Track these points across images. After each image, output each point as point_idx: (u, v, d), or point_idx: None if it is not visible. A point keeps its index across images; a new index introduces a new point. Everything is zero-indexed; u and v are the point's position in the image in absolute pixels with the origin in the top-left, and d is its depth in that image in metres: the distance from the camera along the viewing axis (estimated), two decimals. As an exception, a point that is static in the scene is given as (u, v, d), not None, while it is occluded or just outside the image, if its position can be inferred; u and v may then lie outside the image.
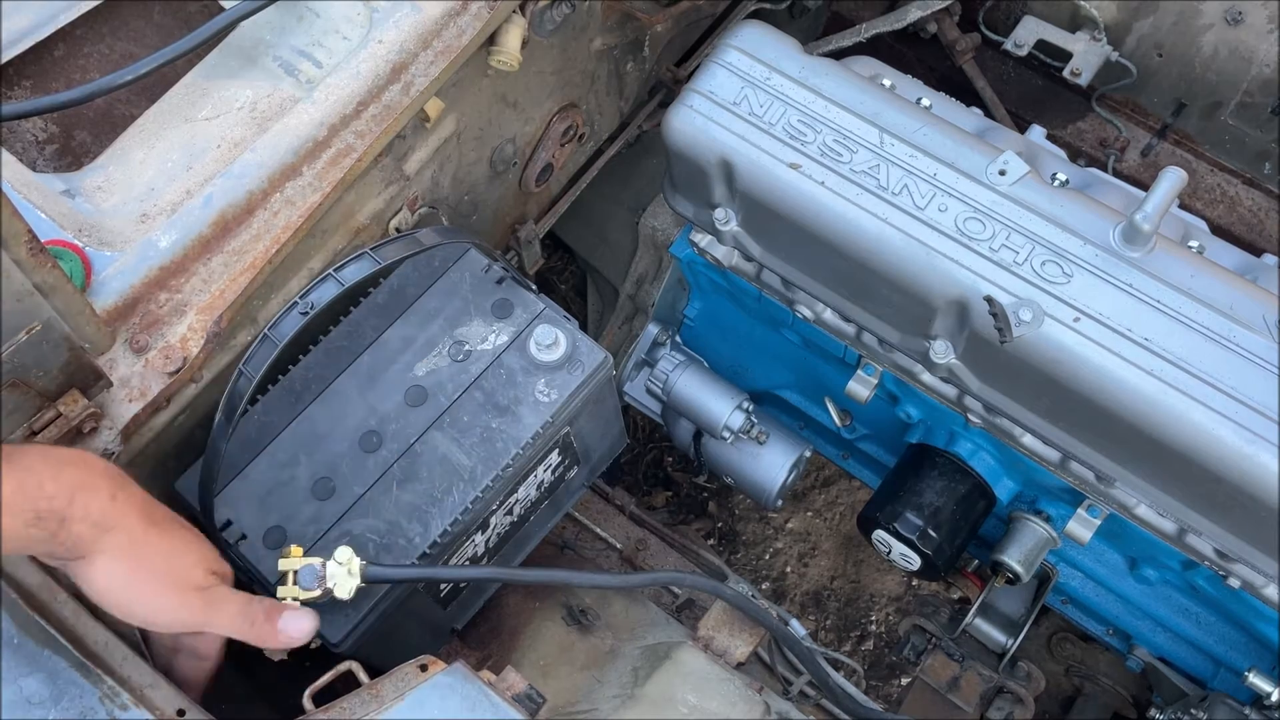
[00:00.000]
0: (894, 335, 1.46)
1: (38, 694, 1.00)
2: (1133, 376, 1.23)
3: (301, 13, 1.40)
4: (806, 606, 2.51)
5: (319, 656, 1.20)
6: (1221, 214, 2.00)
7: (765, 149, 1.38)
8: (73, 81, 1.42)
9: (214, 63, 1.38)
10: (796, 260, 1.50)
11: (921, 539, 1.55)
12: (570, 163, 1.88)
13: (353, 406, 1.29)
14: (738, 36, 1.44)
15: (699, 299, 1.85)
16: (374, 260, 1.29)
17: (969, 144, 1.36)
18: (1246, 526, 1.31)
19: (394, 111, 1.34)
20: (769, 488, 1.82)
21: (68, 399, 1.10)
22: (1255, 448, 1.19)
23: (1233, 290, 1.25)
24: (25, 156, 1.38)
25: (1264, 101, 1.91)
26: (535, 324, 1.33)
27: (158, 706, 1.02)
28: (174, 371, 1.19)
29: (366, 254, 1.30)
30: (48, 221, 1.22)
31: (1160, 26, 1.94)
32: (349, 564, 1.14)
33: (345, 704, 1.06)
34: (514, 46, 1.46)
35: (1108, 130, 2.08)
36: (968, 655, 1.92)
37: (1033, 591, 1.82)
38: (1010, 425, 1.46)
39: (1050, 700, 2.00)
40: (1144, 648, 1.77)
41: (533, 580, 1.37)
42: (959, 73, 2.08)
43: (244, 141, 1.31)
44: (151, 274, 1.22)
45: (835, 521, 2.59)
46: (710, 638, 1.45)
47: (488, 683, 1.08)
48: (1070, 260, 1.27)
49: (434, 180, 1.55)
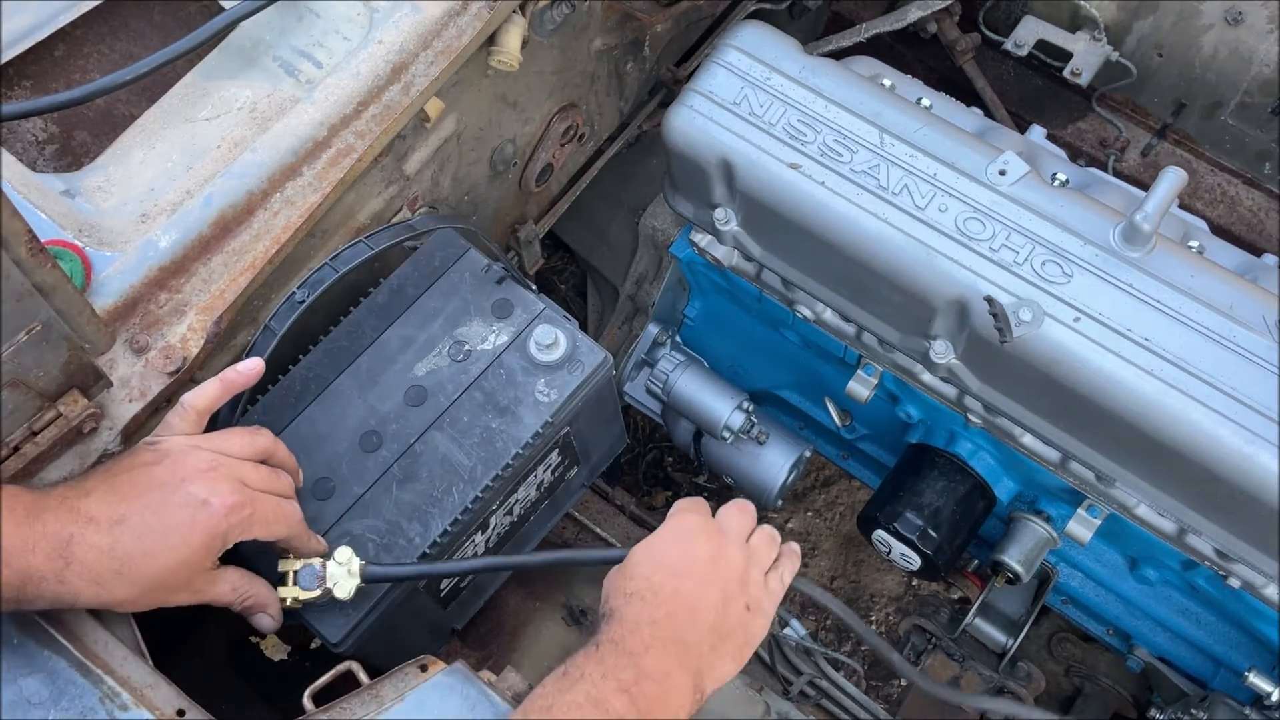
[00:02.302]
0: (894, 335, 1.46)
1: (38, 694, 1.00)
2: (1133, 376, 1.23)
3: (301, 13, 1.40)
4: (807, 606, 2.51)
5: (319, 656, 1.20)
6: (1221, 214, 2.00)
7: (765, 149, 1.38)
8: (73, 81, 1.42)
9: (214, 63, 1.38)
10: (796, 260, 1.50)
11: (921, 539, 1.55)
12: (570, 163, 1.88)
13: (353, 406, 1.29)
14: (738, 36, 1.44)
15: (699, 299, 1.85)
16: (367, 246, 1.31)
17: (969, 144, 1.36)
18: (1246, 526, 1.31)
19: (394, 111, 1.34)
20: (769, 488, 1.82)
21: (68, 399, 1.10)
22: (1255, 448, 1.19)
23: (1233, 290, 1.25)
24: (25, 156, 1.38)
25: (1264, 101, 1.91)
26: (535, 324, 1.33)
27: (158, 706, 1.02)
28: (174, 372, 1.19)
29: (360, 241, 1.32)
30: (48, 221, 1.22)
31: (1160, 26, 1.94)
32: (349, 564, 1.15)
33: (345, 704, 1.06)
34: (514, 46, 1.46)
35: (1108, 130, 2.08)
36: (968, 655, 1.92)
37: (1033, 591, 1.82)
38: (1010, 425, 1.46)
39: (1050, 700, 2.00)
40: (1144, 648, 1.77)
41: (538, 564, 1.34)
42: (959, 73, 2.08)
43: (244, 141, 1.31)
44: (151, 274, 1.22)
45: (835, 521, 2.59)
46: (710, 638, 1.45)
47: (488, 683, 1.08)
48: (1070, 260, 1.27)
49: (434, 180, 1.55)
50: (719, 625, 1.10)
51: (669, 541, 1.15)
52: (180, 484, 1.04)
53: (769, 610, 1.18)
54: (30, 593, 0.97)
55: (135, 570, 1.00)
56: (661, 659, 1.04)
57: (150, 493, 1.02)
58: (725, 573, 1.14)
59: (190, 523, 1.02)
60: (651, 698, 1.01)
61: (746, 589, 1.15)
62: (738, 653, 1.13)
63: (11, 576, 0.95)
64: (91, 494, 1.01)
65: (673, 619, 1.07)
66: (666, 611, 1.07)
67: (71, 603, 0.99)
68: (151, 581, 1.01)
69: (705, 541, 1.15)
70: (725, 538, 1.17)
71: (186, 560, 1.02)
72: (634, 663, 1.02)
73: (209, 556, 1.05)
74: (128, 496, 1.01)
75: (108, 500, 1.00)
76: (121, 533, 0.99)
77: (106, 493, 1.01)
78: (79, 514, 0.99)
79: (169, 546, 1.01)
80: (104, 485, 1.02)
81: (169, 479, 1.04)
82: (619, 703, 0.99)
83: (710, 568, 1.13)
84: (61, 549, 0.97)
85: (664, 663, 1.04)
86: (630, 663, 1.02)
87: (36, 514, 0.97)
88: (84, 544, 0.98)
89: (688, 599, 1.09)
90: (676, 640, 1.06)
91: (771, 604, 1.19)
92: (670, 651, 1.05)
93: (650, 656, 1.03)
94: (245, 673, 1.52)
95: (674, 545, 1.14)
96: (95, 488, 1.02)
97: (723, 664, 1.11)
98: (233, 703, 1.31)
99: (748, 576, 1.16)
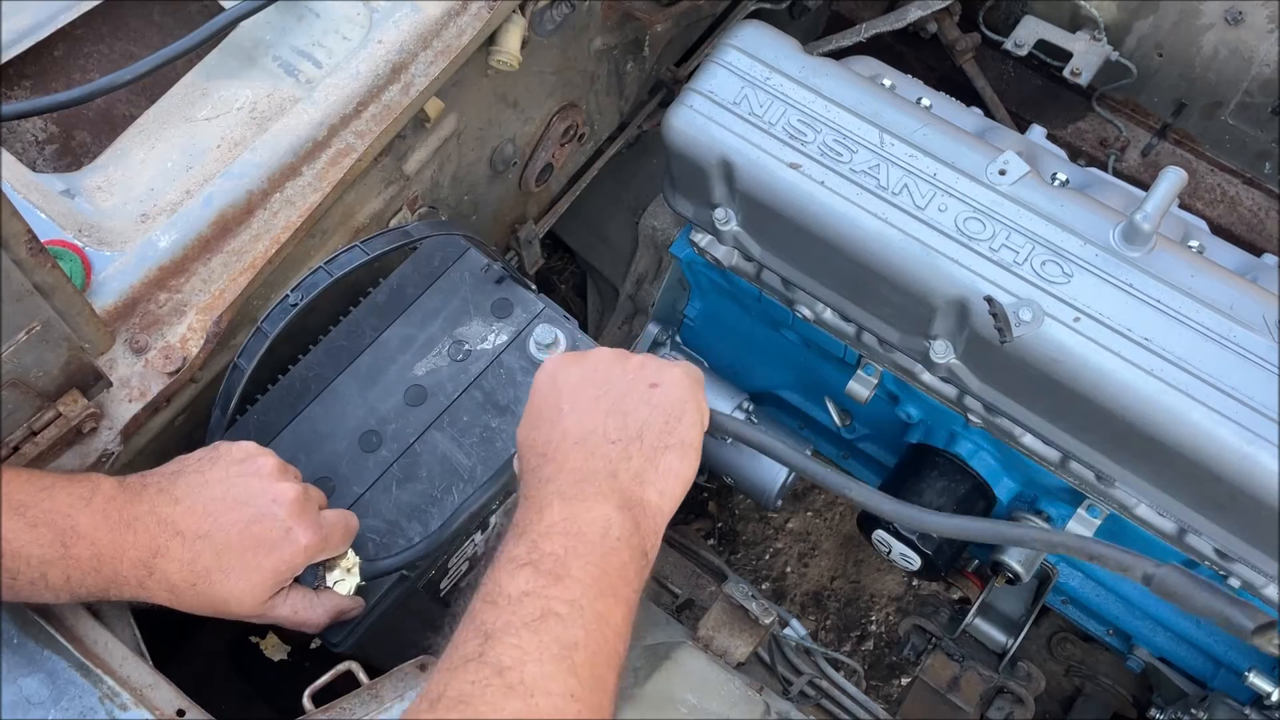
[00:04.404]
0: (894, 335, 1.46)
1: (38, 694, 1.00)
2: (1133, 376, 1.23)
3: (301, 13, 1.40)
4: (806, 606, 2.51)
5: (319, 656, 1.20)
6: (1222, 214, 2.00)
7: (765, 149, 1.38)
8: (73, 81, 1.42)
9: (214, 63, 1.38)
10: (796, 260, 1.50)
11: (921, 538, 1.55)
12: (570, 163, 1.88)
13: (352, 406, 1.29)
14: (738, 36, 1.44)
15: (699, 299, 1.85)
16: (363, 251, 1.31)
17: (969, 144, 1.36)
18: (1246, 526, 1.31)
19: (394, 111, 1.34)
20: (769, 488, 1.82)
21: (68, 399, 1.10)
22: (1255, 448, 1.19)
23: (1233, 290, 1.25)
24: (25, 156, 1.38)
25: (1264, 101, 1.91)
26: (535, 323, 1.33)
27: (157, 707, 1.02)
28: (174, 372, 1.19)
29: (356, 246, 1.32)
30: (48, 221, 1.22)
31: (1160, 26, 1.94)
32: (348, 562, 1.15)
33: (345, 704, 1.06)
34: (514, 46, 1.46)
35: (1108, 130, 2.08)
36: (968, 655, 1.92)
37: (1033, 591, 1.82)
38: (1010, 425, 1.46)
39: (1050, 700, 2.00)
40: (1144, 648, 1.77)
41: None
42: (959, 73, 2.08)
43: (244, 141, 1.31)
44: (151, 274, 1.22)
45: (835, 521, 2.59)
46: (710, 638, 1.45)
47: (487, 683, 1.08)
48: (1070, 260, 1.27)
49: (434, 180, 1.55)
50: (624, 433, 0.96)
51: (532, 404, 1.03)
52: (270, 506, 1.03)
53: (678, 373, 1.02)
54: (112, 595, 1.00)
55: (208, 585, 1.01)
56: (559, 511, 0.91)
57: (238, 510, 1.02)
58: (599, 382, 1.00)
59: (270, 550, 1.02)
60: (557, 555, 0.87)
61: (634, 377, 1.01)
62: (664, 437, 0.97)
63: (100, 581, 0.98)
64: (180, 503, 1.01)
65: (564, 466, 0.95)
66: (555, 465, 0.95)
67: (145, 600, 1.01)
68: (220, 599, 1.02)
69: (565, 377, 1.02)
70: (583, 358, 1.04)
71: (257, 584, 1.03)
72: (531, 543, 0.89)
73: (279, 585, 1.05)
74: (214, 512, 1.02)
75: (195, 514, 1.01)
76: (203, 548, 1.00)
77: (194, 505, 1.02)
78: (168, 527, 1.00)
79: (245, 569, 1.02)
80: (192, 496, 1.02)
81: (258, 499, 1.04)
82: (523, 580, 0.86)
83: (581, 391, 1.00)
84: (148, 560, 0.99)
85: (559, 514, 0.91)
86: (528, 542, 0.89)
87: (129, 523, 0.99)
88: (168, 557, 0.99)
89: (572, 431, 0.97)
90: (575, 483, 0.93)
91: (673, 368, 1.03)
92: (569, 497, 0.92)
93: (546, 519, 0.90)
94: (245, 673, 1.53)
95: (539, 402, 1.02)
96: (185, 496, 1.02)
97: (656, 462, 0.96)
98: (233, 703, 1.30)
99: (626, 367, 1.02)
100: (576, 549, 0.88)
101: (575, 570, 0.86)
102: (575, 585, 0.85)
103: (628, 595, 0.89)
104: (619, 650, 0.86)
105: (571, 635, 0.82)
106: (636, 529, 0.92)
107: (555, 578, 0.85)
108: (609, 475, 0.94)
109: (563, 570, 0.86)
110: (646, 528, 0.93)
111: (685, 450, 0.98)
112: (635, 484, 0.94)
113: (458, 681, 0.79)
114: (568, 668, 0.80)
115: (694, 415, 1.00)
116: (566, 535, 0.89)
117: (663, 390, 1.00)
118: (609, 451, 0.95)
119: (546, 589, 0.84)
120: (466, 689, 0.78)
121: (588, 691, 0.81)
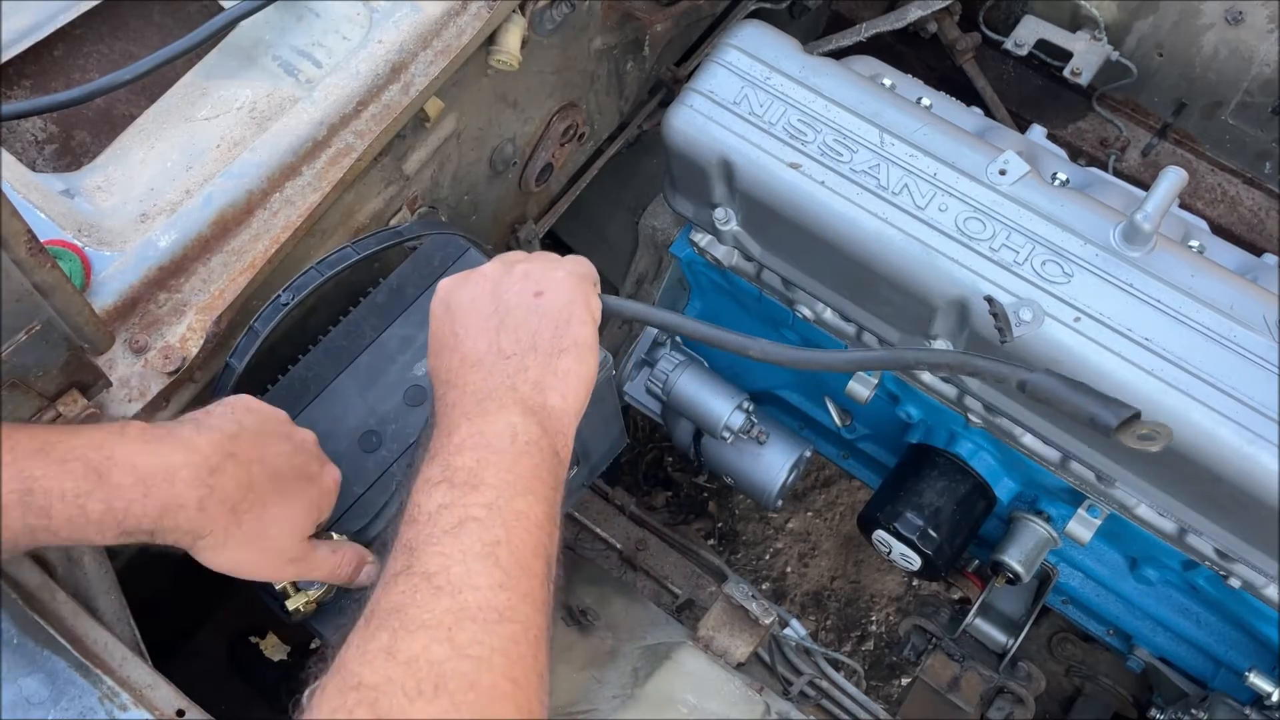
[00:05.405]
0: (894, 335, 1.46)
1: (37, 694, 1.00)
2: (1133, 376, 1.23)
3: (301, 13, 1.40)
4: (806, 606, 2.51)
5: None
6: (1222, 214, 2.00)
7: (765, 149, 1.38)
8: (73, 81, 1.42)
9: (214, 63, 1.38)
10: (796, 260, 1.50)
11: (922, 539, 1.55)
12: (570, 162, 1.88)
13: (352, 406, 1.29)
14: (738, 36, 1.44)
15: (699, 299, 1.85)
16: (353, 250, 1.31)
17: (969, 144, 1.36)
18: (1246, 526, 1.31)
19: (394, 111, 1.34)
20: (769, 488, 1.82)
21: (67, 399, 1.10)
22: (1255, 448, 1.19)
23: (1233, 290, 1.25)
24: (25, 156, 1.38)
25: (1264, 101, 1.91)
26: (535, 324, 1.32)
27: (157, 707, 1.02)
28: (173, 372, 1.19)
29: (347, 246, 1.31)
30: (47, 221, 1.22)
31: (1160, 26, 1.94)
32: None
33: (345, 704, 1.06)
34: (514, 46, 1.46)
35: (1108, 130, 2.08)
36: (968, 655, 1.92)
37: (1033, 591, 1.82)
38: (1010, 425, 1.46)
39: (1051, 700, 2.00)
40: (1144, 648, 1.77)
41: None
42: (959, 72, 2.08)
43: (244, 141, 1.31)
44: (151, 274, 1.22)
45: (835, 521, 2.59)
46: (710, 638, 1.45)
47: (487, 683, 1.08)
48: (1070, 260, 1.27)
49: (434, 180, 1.55)
50: (517, 346, 0.98)
51: (432, 333, 1.05)
52: (302, 442, 1.07)
53: (560, 275, 1.03)
54: (166, 522, 0.94)
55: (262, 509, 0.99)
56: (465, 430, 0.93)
57: (277, 442, 1.04)
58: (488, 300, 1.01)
59: (310, 482, 1.05)
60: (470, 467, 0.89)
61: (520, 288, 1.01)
62: (557, 342, 0.99)
63: (152, 507, 0.92)
64: (223, 431, 1.00)
65: (465, 390, 0.96)
66: (458, 390, 0.97)
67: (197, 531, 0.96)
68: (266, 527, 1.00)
69: (456, 301, 1.03)
70: (469, 279, 1.05)
71: (300, 515, 1.03)
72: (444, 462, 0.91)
73: (317, 520, 1.06)
74: (258, 443, 1.02)
75: (242, 441, 1.00)
76: (258, 471, 0.99)
77: (239, 434, 1.01)
78: (220, 448, 0.97)
79: (294, 496, 1.02)
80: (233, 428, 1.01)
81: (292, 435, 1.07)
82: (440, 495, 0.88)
83: (472, 312, 1.01)
84: (205, 478, 0.95)
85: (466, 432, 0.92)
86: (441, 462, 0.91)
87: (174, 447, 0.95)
88: (224, 474, 0.96)
89: (468, 354, 0.99)
90: (478, 402, 0.95)
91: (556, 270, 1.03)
92: (473, 415, 0.94)
93: (455, 439, 0.92)
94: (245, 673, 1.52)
95: (436, 329, 1.04)
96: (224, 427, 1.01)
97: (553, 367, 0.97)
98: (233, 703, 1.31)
99: (511, 278, 1.02)
100: (487, 459, 0.90)
101: (489, 478, 0.89)
102: (489, 491, 0.88)
103: (545, 493, 0.91)
104: (543, 541, 0.88)
105: (492, 534, 0.84)
106: (544, 432, 0.94)
107: (470, 488, 0.88)
108: (509, 389, 0.96)
109: (476, 480, 0.88)
110: (554, 429, 0.95)
111: (580, 350, 0.99)
112: (535, 392, 0.96)
113: (390, 595, 0.81)
114: (492, 563, 0.83)
115: (582, 314, 1.02)
116: (476, 449, 0.91)
117: (549, 296, 1.01)
118: (505, 367, 0.97)
119: (463, 498, 0.87)
120: (398, 599, 0.81)
121: (515, 580, 0.83)
